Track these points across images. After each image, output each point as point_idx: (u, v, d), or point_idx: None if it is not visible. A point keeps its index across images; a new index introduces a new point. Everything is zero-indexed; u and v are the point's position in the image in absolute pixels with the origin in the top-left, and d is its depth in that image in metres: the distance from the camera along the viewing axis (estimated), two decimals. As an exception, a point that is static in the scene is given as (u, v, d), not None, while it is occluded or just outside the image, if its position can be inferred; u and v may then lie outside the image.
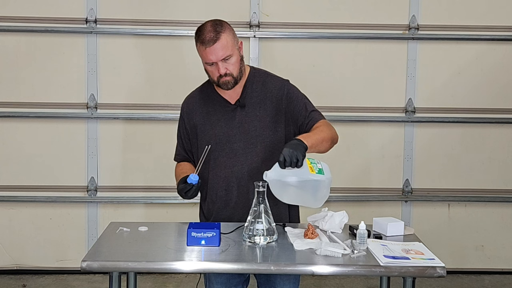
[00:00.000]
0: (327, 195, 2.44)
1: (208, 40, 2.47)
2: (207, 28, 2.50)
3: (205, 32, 2.49)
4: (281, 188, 2.36)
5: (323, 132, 2.54)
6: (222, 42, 2.49)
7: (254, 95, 2.64)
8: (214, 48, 2.47)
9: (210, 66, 2.53)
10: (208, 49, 2.48)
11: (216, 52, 2.48)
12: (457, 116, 4.51)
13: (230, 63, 2.53)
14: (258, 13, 4.38)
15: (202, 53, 2.53)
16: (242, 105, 2.63)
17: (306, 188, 2.38)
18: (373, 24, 4.43)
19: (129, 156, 4.47)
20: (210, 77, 2.61)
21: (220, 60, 2.50)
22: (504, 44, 4.47)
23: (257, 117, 2.62)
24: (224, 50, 2.49)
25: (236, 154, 2.61)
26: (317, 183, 2.38)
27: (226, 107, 2.65)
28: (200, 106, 2.70)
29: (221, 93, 2.66)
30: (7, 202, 4.44)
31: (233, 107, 2.64)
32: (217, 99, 2.67)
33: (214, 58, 2.49)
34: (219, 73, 2.52)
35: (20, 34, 4.33)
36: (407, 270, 2.18)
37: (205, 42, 2.48)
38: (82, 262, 2.17)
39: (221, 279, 2.65)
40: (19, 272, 4.49)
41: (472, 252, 4.65)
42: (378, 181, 4.56)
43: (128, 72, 4.42)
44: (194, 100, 2.74)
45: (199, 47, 2.53)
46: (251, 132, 2.61)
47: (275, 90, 2.65)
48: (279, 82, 2.68)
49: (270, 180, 2.34)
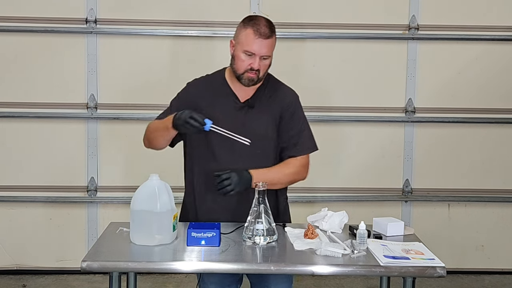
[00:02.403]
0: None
1: (262, 33, 2.53)
2: (263, 22, 2.57)
3: (262, 24, 2.55)
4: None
5: (282, 174, 2.64)
6: (271, 41, 2.58)
7: (264, 99, 2.66)
8: (264, 42, 2.54)
9: (247, 56, 2.55)
10: (258, 40, 2.53)
11: (262, 47, 2.54)
12: (457, 116, 4.51)
13: (264, 63, 2.58)
14: (258, 13, 4.37)
15: (249, 40, 2.54)
16: (251, 106, 2.65)
17: None
18: (373, 24, 4.43)
19: (129, 156, 4.47)
20: (235, 67, 2.60)
21: (260, 55, 2.54)
22: (504, 44, 4.47)
23: (263, 121, 2.64)
24: (268, 49, 2.57)
25: (239, 152, 2.60)
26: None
27: (235, 103, 2.65)
28: (207, 94, 2.69)
29: (232, 87, 2.66)
30: (7, 202, 4.44)
31: (242, 105, 2.65)
32: (227, 92, 2.67)
33: (258, 50, 2.54)
34: (250, 66, 2.55)
35: (20, 34, 4.33)
36: (407, 270, 2.18)
37: (259, 33, 2.53)
38: (82, 262, 2.17)
39: (214, 279, 2.65)
40: (19, 272, 4.49)
41: (472, 252, 4.64)
42: (378, 181, 4.56)
43: (128, 72, 4.42)
44: (202, 86, 2.73)
45: (248, 34, 2.54)
46: (256, 134, 2.61)
47: (285, 100, 2.70)
48: (290, 94, 2.75)
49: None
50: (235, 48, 2.60)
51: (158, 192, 2.36)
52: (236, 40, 2.60)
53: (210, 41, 4.40)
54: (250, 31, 2.54)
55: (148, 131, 2.73)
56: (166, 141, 2.69)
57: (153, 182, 2.39)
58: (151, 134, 2.71)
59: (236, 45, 2.60)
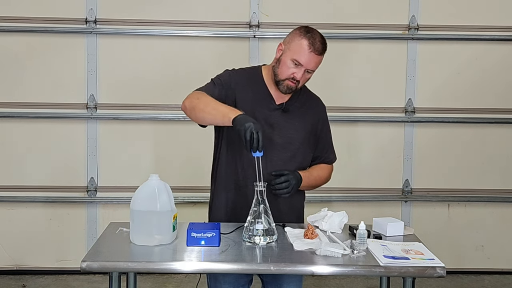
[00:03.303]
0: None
1: (316, 48, 2.55)
2: (319, 37, 2.58)
3: (317, 39, 2.56)
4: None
5: (320, 179, 2.77)
6: (320, 58, 2.59)
7: (297, 105, 2.69)
8: (315, 57, 2.56)
9: (293, 64, 2.56)
10: (310, 53, 2.54)
11: (312, 61, 2.56)
12: (457, 116, 4.51)
13: (306, 76, 2.61)
14: (258, 13, 4.38)
15: (302, 51, 2.54)
16: (286, 110, 2.67)
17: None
18: (373, 24, 4.43)
19: (129, 156, 4.47)
20: (278, 71, 2.59)
21: (306, 68, 2.56)
22: (504, 44, 4.47)
23: (295, 126, 2.67)
24: (315, 64, 2.59)
25: (270, 155, 2.59)
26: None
27: (270, 103, 2.66)
28: (246, 88, 2.66)
29: (269, 88, 2.67)
30: (7, 202, 4.44)
31: (276, 107, 2.66)
32: (264, 92, 2.67)
33: (306, 63, 2.55)
34: (293, 75, 2.56)
35: (20, 34, 4.33)
36: (407, 270, 2.18)
37: (313, 46, 2.54)
38: (82, 262, 2.17)
39: (229, 279, 2.65)
40: (19, 272, 4.49)
41: (472, 252, 4.65)
42: (378, 181, 4.56)
43: (128, 72, 4.42)
44: (242, 78, 2.69)
45: (303, 45, 2.54)
46: (287, 138, 2.64)
47: (318, 110, 2.77)
48: (322, 104, 2.81)
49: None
50: (284, 54, 2.59)
51: (158, 192, 2.36)
52: (287, 46, 2.60)
53: (210, 41, 4.40)
54: (306, 42, 2.55)
55: (200, 103, 2.50)
56: (211, 123, 2.57)
57: (153, 182, 2.39)
58: (202, 108, 2.49)
59: (285, 51, 2.59)
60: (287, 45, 2.60)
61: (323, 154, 2.80)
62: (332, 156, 2.85)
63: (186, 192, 4.37)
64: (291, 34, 2.63)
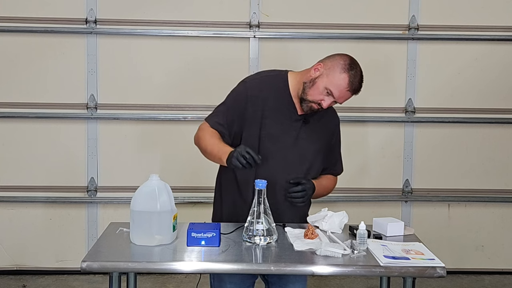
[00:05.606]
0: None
1: (354, 88, 2.57)
2: (359, 77, 2.58)
3: (357, 79, 2.57)
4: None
5: (326, 189, 2.80)
6: (351, 96, 2.61)
7: (317, 118, 2.69)
8: (348, 95, 2.58)
9: (326, 92, 2.56)
10: (346, 91, 2.56)
11: (345, 97, 2.59)
12: (457, 116, 4.51)
13: (331, 104, 2.62)
14: (258, 13, 4.38)
15: (339, 85, 2.54)
16: (307, 122, 2.67)
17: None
18: (373, 24, 4.43)
19: (129, 156, 4.47)
20: (307, 91, 2.58)
21: (336, 100, 2.59)
22: (504, 44, 4.47)
23: (314, 138, 2.69)
24: (346, 100, 2.61)
25: (291, 165, 2.63)
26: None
27: (292, 113, 2.66)
28: (270, 92, 2.65)
29: (293, 97, 2.66)
30: (7, 202, 4.44)
31: (299, 117, 2.66)
32: (287, 101, 2.66)
33: (338, 97, 2.58)
34: (321, 102, 2.57)
35: (19, 34, 4.33)
36: (407, 270, 2.18)
37: (352, 86, 2.55)
38: (82, 263, 2.17)
39: (234, 279, 2.64)
40: (19, 272, 4.49)
41: (472, 252, 4.64)
42: (378, 181, 4.56)
43: (128, 72, 4.42)
44: (265, 83, 2.69)
45: (343, 80, 2.54)
46: (306, 149, 2.67)
47: (335, 122, 2.80)
48: (337, 116, 2.82)
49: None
50: (320, 77, 2.57)
51: (158, 192, 2.37)
52: (326, 72, 2.57)
53: (210, 41, 4.39)
54: (346, 79, 2.54)
55: (202, 142, 2.64)
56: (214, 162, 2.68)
57: (153, 182, 2.39)
58: (204, 149, 2.64)
59: (323, 75, 2.57)
60: (326, 70, 2.57)
61: (331, 166, 2.82)
62: (339, 168, 2.88)
63: (186, 192, 4.37)
64: (334, 59, 2.59)
